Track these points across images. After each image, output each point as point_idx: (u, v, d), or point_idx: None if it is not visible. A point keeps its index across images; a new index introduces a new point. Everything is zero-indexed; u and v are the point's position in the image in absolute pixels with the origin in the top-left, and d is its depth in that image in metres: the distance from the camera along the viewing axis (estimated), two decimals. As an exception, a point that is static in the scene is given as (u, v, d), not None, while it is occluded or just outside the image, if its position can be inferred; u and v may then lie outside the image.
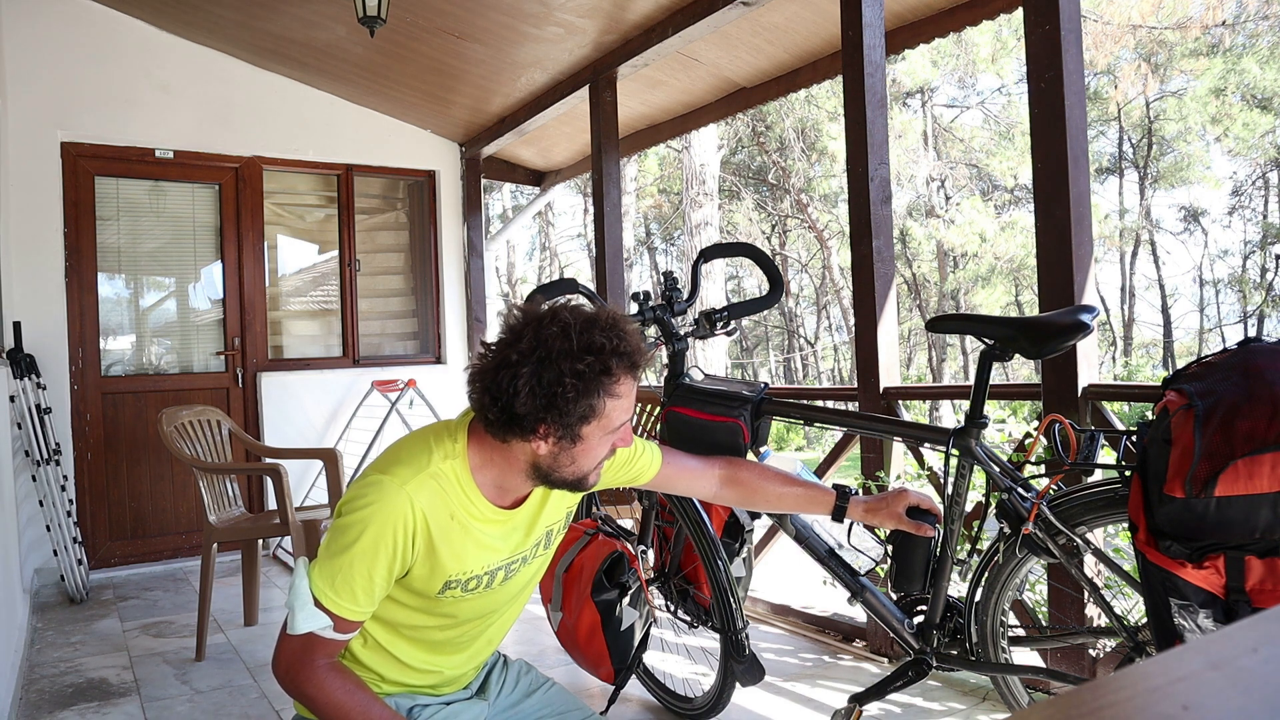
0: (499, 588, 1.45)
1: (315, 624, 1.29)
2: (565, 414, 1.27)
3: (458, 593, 1.39)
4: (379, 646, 1.43)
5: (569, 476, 1.37)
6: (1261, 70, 15.45)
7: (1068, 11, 2.41)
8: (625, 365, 1.30)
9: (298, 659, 1.30)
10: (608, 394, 1.30)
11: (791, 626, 3.33)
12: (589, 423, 1.30)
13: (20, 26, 4.63)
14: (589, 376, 1.27)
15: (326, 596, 1.29)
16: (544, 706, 1.61)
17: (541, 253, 24.82)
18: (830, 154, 16.35)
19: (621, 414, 1.34)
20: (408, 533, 1.30)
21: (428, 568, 1.35)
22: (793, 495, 1.78)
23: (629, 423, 1.39)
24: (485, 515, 1.38)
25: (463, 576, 1.37)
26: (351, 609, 1.30)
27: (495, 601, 1.47)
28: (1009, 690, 2.00)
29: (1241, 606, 1.38)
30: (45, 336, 4.61)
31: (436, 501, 1.33)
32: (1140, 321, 22.16)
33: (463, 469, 1.36)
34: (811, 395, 5.51)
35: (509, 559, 1.44)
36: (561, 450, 1.33)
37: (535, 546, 1.49)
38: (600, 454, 1.37)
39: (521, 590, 1.54)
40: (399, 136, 5.78)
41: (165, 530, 4.98)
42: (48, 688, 3.01)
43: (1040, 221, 2.47)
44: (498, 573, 1.42)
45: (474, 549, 1.37)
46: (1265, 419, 1.35)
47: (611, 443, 1.38)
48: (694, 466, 1.77)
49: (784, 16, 3.88)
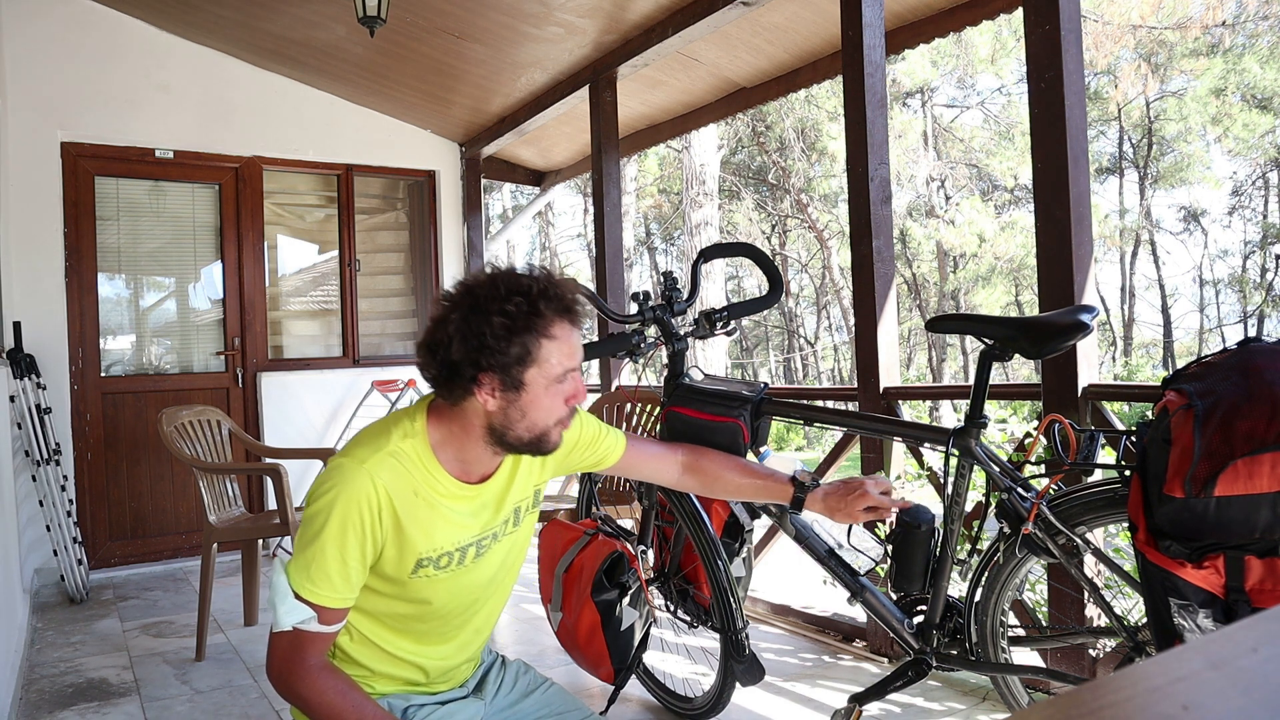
0: (472, 565, 1.44)
1: (298, 616, 1.29)
2: (501, 355, 1.28)
3: (430, 571, 1.39)
4: (365, 639, 1.43)
5: (525, 434, 1.35)
6: (1261, 70, 15.45)
7: (1068, 11, 2.41)
8: (555, 307, 1.31)
9: (289, 660, 1.31)
10: (541, 335, 1.30)
11: (791, 626, 3.33)
12: (527, 367, 1.31)
13: (21, 26, 4.63)
14: (517, 316, 1.28)
15: (304, 587, 1.30)
16: (542, 707, 1.60)
17: (541, 253, 24.82)
18: (830, 154, 16.35)
19: (562, 359, 1.33)
20: (373, 511, 1.31)
21: (397, 547, 1.35)
22: (751, 485, 1.78)
23: (577, 374, 1.38)
24: (451, 491, 1.39)
25: (434, 554, 1.38)
26: (330, 595, 1.31)
27: (472, 584, 1.46)
28: (1009, 690, 2.00)
29: (1241, 606, 1.38)
30: (45, 336, 4.61)
31: (398, 479, 1.34)
32: (1140, 321, 22.17)
33: (423, 446, 1.38)
34: (811, 395, 5.51)
35: (480, 535, 1.44)
36: (509, 403, 1.33)
37: (505, 524, 1.49)
38: (551, 406, 1.34)
39: (499, 574, 1.53)
40: (399, 136, 5.78)
41: (165, 530, 4.98)
42: (48, 688, 3.01)
43: (1040, 221, 2.47)
44: (469, 549, 1.43)
45: (442, 525, 1.38)
46: (1265, 419, 1.35)
47: (563, 396, 1.36)
48: (657, 452, 1.79)
49: (784, 16, 3.88)
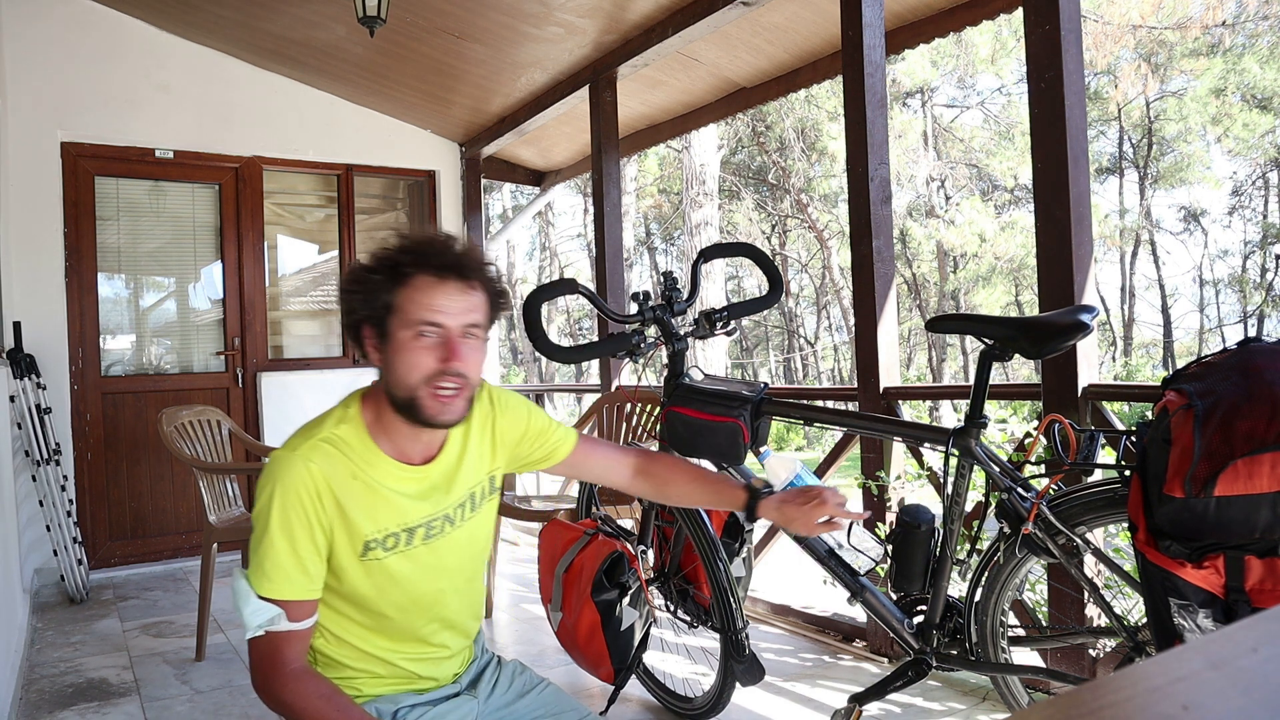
0: (424, 548, 1.43)
1: (264, 616, 1.30)
2: (371, 306, 1.37)
3: (379, 553, 1.39)
4: (341, 640, 1.42)
5: (397, 391, 1.37)
6: (1261, 70, 15.45)
7: (1068, 11, 2.41)
8: (413, 259, 1.37)
9: (269, 666, 1.31)
10: (400, 285, 1.36)
11: (791, 626, 3.33)
12: (392, 315, 1.36)
13: (21, 27, 4.63)
14: (381, 270, 1.37)
15: (263, 585, 1.30)
16: (539, 707, 1.59)
17: (541, 253, 24.83)
18: (830, 154, 16.35)
19: (419, 309, 1.34)
20: (313, 495, 1.33)
21: (345, 532, 1.36)
22: (703, 491, 1.74)
23: (452, 336, 1.36)
24: (391, 473, 1.40)
25: (379, 535, 1.38)
26: (289, 588, 1.31)
27: (429, 569, 1.45)
28: (1009, 690, 2.00)
29: (1241, 606, 1.38)
30: (45, 336, 4.61)
31: (334, 464, 1.36)
32: (1140, 321, 22.18)
33: (359, 430, 1.40)
34: (811, 395, 5.51)
35: (429, 517, 1.44)
36: (385, 357, 1.38)
37: (460, 509, 1.48)
38: (414, 361, 1.34)
39: (463, 563, 1.51)
40: (399, 136, 5.78)
41: (165, 530, 4.98)
42: (48, 688, 3.01)
43: (1040, 221, 2.47)
44: (417, 530, 1.42)
45: (385, 507, 1.39)
46: (1265, 419, 1.35)
47: (428, 351, 1.35)
48: (609, 453, 1.76)
49: (784, 16, 3.88)
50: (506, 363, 23.91)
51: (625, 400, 3.80)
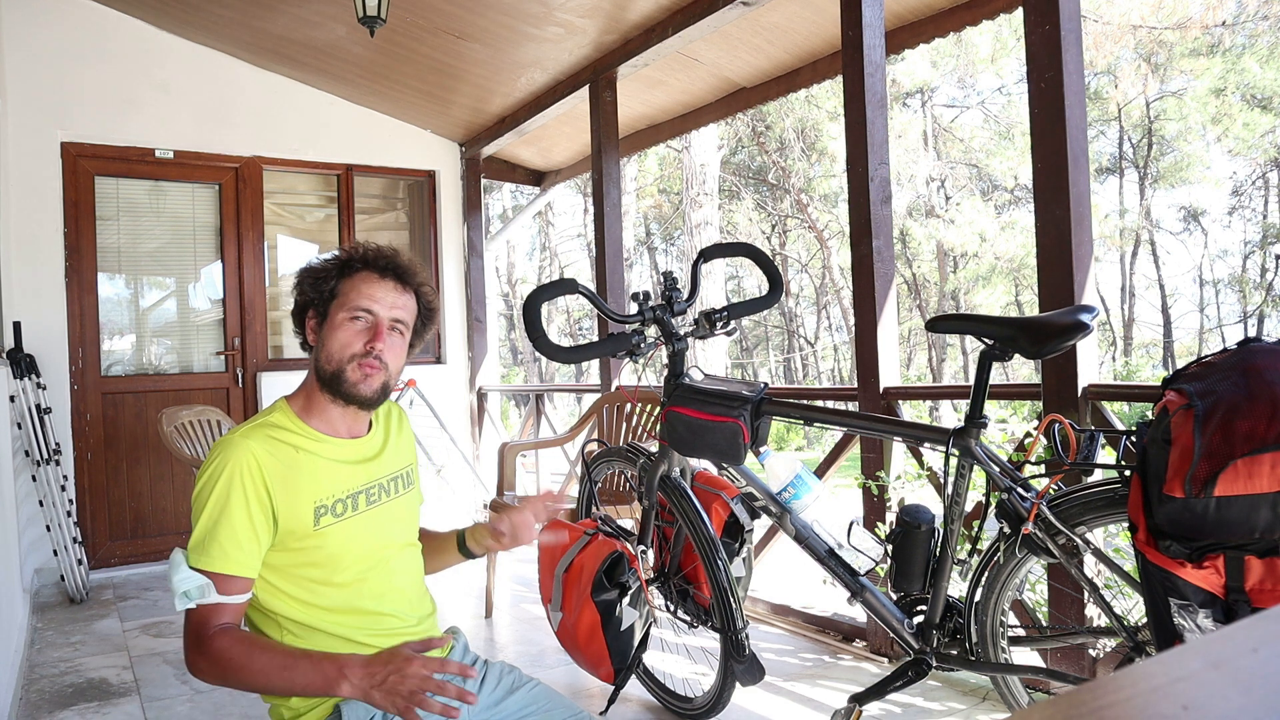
0: (368, 514, 1.52)
1: (192, 584, 1.35)
2: (317, 294, 1.53)
3: (330, 520, 1.46)
4: (306, 627, 1.45)
5: (326, 366, 1.50)
6: (1261, 70, 15.46)
7: (1068, 11, 2.41)
8: (363, 259, 1.54)
9: (194, 638, 1.36)
10: (347, 276, 1.53)
11: (791, 626, 3.33)
12: (334, 300, 1.52)
13: (20, 26, 4.63)
14: (332, 264, 1.55)
15: (196, 558, 1.38)
16: (529, 704, 1.59)
17: (541, 253, 24.83)
18: (830, 154, 16.35)
19: (360, 297, 1.50)
20: (253, 473, 1.41)
21: (291, 504, 1.43)
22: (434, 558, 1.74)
23: (381, 325, 1.51)
24: (328, 445, 1.52)
25: (329, 500, 1.47)
26: (222, 560, 1.37)
27: (375, 536, 1.52)
28: (1009, 690, 2.00)
29: (1241, 606, 1.38)
30: (45, 336, 4.61)
31: (274, 444, 1.46)
32: (1140, 321, 22.17)
33: (290, 415, 1.53)
34: (811, 395, 5.51)
35: (368, 484, 1.55)
36: (320, 336, 1.52)
37: (393, 481, 1.60)
38: (346, 339, 1.49)
39: (402, 533, 1.59)
40: (399, 136, 5.78)
41: (165, 530, 4.98)
42: (48, 688, 3.01)
43: (1040, 221, 2.47)
44: (359, 496, 1.52)
45: (327, 473, 1.49)
46: (1265, 419, 1.35)
47: (358, 333, 1.50)
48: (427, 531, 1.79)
49: (784, 16, 3.88)
50: (507, 363, 23.91)
51: (625, 400, 3.80)
